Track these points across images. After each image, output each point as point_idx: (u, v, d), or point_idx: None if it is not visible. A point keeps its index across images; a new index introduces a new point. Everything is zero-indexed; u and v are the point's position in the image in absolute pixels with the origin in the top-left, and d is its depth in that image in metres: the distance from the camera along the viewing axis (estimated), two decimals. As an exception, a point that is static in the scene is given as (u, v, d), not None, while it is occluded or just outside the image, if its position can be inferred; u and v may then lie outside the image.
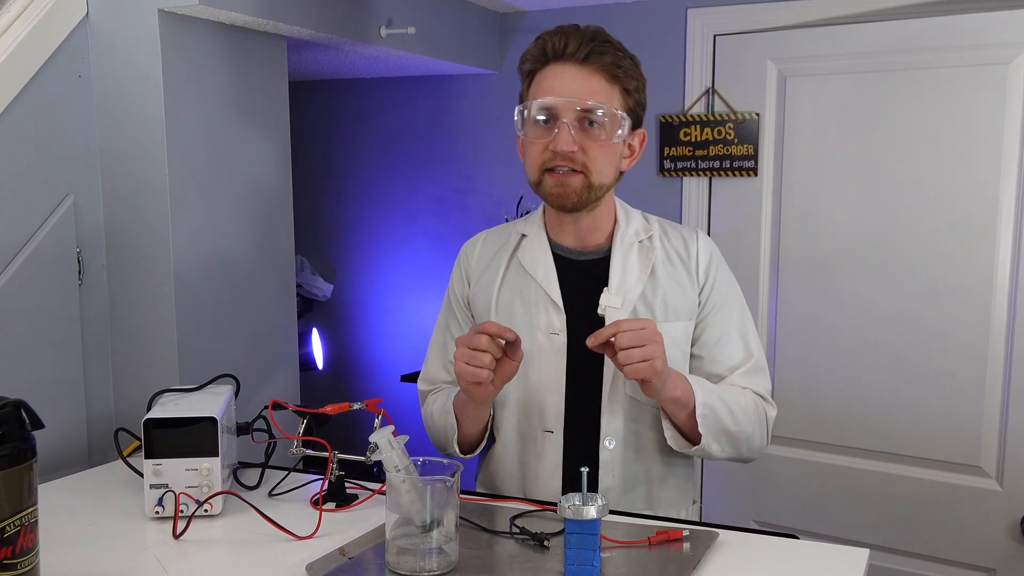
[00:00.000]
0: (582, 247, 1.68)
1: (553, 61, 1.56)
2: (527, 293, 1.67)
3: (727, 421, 1.60)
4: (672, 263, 1.67)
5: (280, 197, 2.42)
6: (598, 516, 1.27)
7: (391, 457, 1.37)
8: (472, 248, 1.79)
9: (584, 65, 1.54)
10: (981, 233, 2.60)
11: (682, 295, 1.66)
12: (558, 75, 1.55)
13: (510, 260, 1.71)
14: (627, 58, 1.59)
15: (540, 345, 1.65)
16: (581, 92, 1.53)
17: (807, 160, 2.84)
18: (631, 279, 1.63)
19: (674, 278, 1.66)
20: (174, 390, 1.86)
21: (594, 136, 1.55)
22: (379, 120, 3.65)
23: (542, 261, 1.67)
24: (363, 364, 3.81)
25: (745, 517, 3.00)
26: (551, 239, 1.70)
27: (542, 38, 1.58)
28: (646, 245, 1.67)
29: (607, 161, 1.58)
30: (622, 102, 1.57)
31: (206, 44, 2.15)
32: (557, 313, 1.64)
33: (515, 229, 1.75)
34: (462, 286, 1.78)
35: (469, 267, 1.78)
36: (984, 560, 2.66)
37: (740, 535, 1.51)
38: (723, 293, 1.69)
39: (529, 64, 1.60)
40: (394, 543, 1.34)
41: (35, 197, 1.99)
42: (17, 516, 1.13)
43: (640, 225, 1.70)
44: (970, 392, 2.64)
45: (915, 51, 2.64)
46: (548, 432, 1.66)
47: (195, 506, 1.59)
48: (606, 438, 1.64)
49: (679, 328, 1.65)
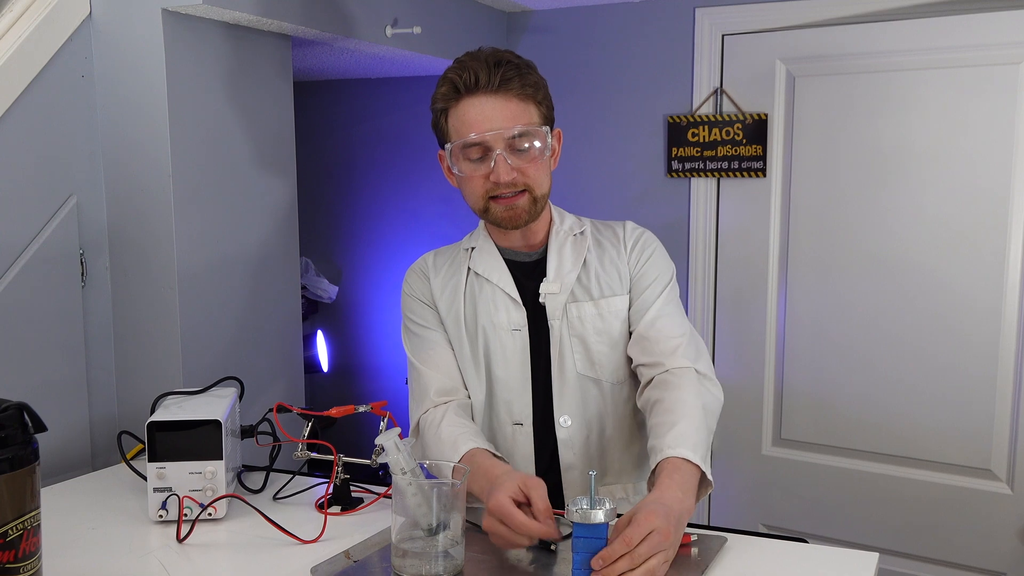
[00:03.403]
0: (527, 248, 1.77)
1: (467, 95, 1.60)
2: (486, 296, 1.74)
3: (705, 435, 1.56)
4: (603, 247, 1.76)
5: (285, 198, 2.42)
6: (606, 520, 1.26)
7: (397, 460, 1.36)
8: (425, 260, 1.85)
9: (497, 93, 1.59)
10: (992, 234, 2.58)
11: (615, 271, 1.74)
12: (477, 108, 1.60)
13: (467, 272, 1.78)
14: (530, 71, 1.64)
15: (503, 342, 1.72)
16: (504, 120, 1.59)
17: (816, 161, 2.82)
18: (567, 267, 1.72)
19: (606, 258, 1.75)
20: (178, 393, 1.85)
21: (528, 157, 1.62)
22: (384, 120, 3.64)
23: (495, 265, 1.75)
24: (368, 366, 3.80)
25: (753, 521, 2.99)
26: (498, 246, 1.78)
27: (449, 76, 1.62)
28: (579, 238, 1.77)
29: (543, 173, 1.66)
30: (539, 115, 1.64)
31: (210, 44, 2.14)
32: (517, 310, 1.72)
33: (461, 246, 1.84)
34: (422, 286, 1.80)
35: (426, 270, 1.82)
36: (995, 564, 2.65)
37: (748, 539, 1.50)
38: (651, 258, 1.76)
39: (442, 103, 1.64)
40: (400, 546, 1.33)
41: (38, 198, 1.98)
42: (20, 520, 1.12)
43: (572, 222, 1.80)
44: (981, 394, 2.62)
45: (925, 51, 2.62)
46: (518, 425, 1.73)
47: (199, 510, 1.58)
48: (561, 416, 1.71)
49: (617, 302, 1.72)
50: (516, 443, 1.74)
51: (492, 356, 1.73)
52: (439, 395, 1.72)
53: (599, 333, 1.71)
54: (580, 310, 1.71)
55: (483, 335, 1.73)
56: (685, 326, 1.73)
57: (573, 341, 1.71)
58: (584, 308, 1.71)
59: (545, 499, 1.40)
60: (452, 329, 1.77)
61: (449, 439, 1.61)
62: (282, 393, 2.41)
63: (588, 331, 1.71)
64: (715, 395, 1.69)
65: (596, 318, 1.71)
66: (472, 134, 1.59)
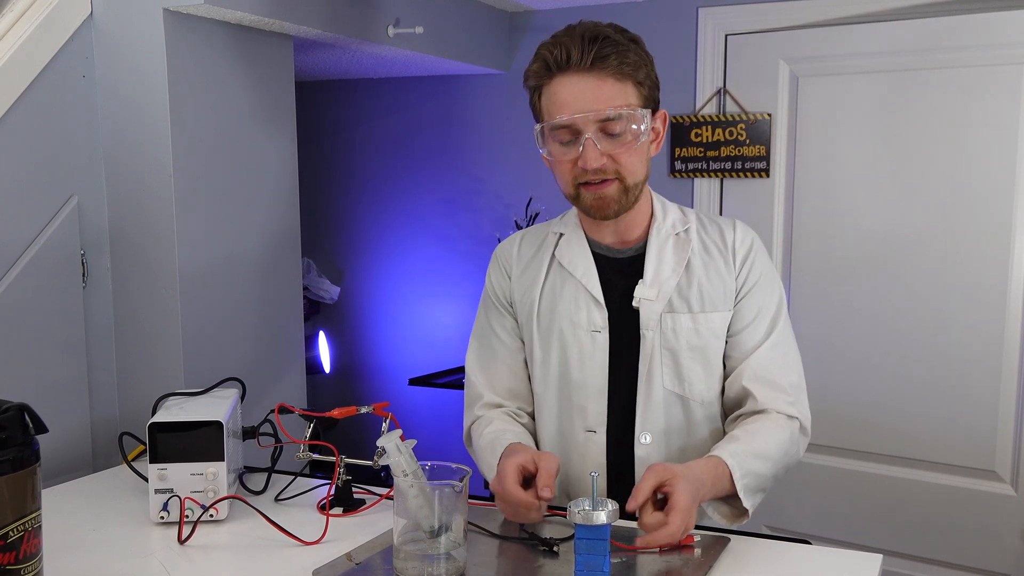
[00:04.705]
0: (621, 244, 1.65)
1: (558, 73, 1.50)
2: (568, 291, 1.64)
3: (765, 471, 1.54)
4: (710, 253, 1.63)
5: (286, 198, 2.41)
6: (608, 521, 1.25)
7: (399, 462, 1.35)
8: (510, 248, 1.75)
9: (591, 72, 1.48)
10: (996, 235, 2.57)
11: (720, 285, 1.61)
12: (568, 88, 1.49)
13: (551, 260, 1.68)
14: (629, 48, 1.51)
15: (582, 343, 1.62)
16: (596, 101, 1.47)
17: (820, 161, 2.82)
18: (666, 271, 1.60)
19: (712, 268, 1.62)
20: (179, 394, 1.84)
21: (620, 141, 1.50)
22: (386, 121, 3.64)
23: (581, 259, 1.64)
24: (370, 367, 3.80)
25: (757, 522, 2.97)
26: (589, 237, 1.66)
27: (541, 52, 1.52)
28: (682, 238, 1.63)
29: (638, 161, 1.54)
30: (638, 96, 1.52)
31: (212, 44, 2.14)
32: (599, 310, 1.61)
33: (551, 229, 1.72)
34: (502, 283, 1.73)
35: (509, 266, 1.73)
36: (998, 565, 2.64)
37: (752, 540, 1.50)
38: (761, 278, 1.64)
39: (534, 80, 1.55)
40: (402, 548, 1.33)
41: (39, 199, 1.98)
42: (20, 521, 1.12)
43: (677, 218, 1.66)
44: (985, 396, 2.62)
45: (929, 51, 2.62)
46: (591, 432, 1.62)
47: (200, 511, 1.58)
48: (642, 433, 1.61)
49: (716, 319, 1.60)
50: (588, 451, 1.63)
51: (569, 357, 1.62)
52: (483, 408, 1.70)
53: (693, 349, 1.59)
54: (676, 322, 1.59)
55: (559, 333, 1.63)
56: (795, 371, 1.63)
57: (664, 354, 1.59)
58: (680, 320, 1.59)
59: (549, 469, 1.42)
60: (523, 320, 1.68)
61: (488, 441, 1.60)
62: (284, 394, 2.41)
63: (681, 346, 1.59)
64: (799, 452, 1.61)
65: (692, 333, 1.59)
66: (560, 116, 1.48)
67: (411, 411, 3.51)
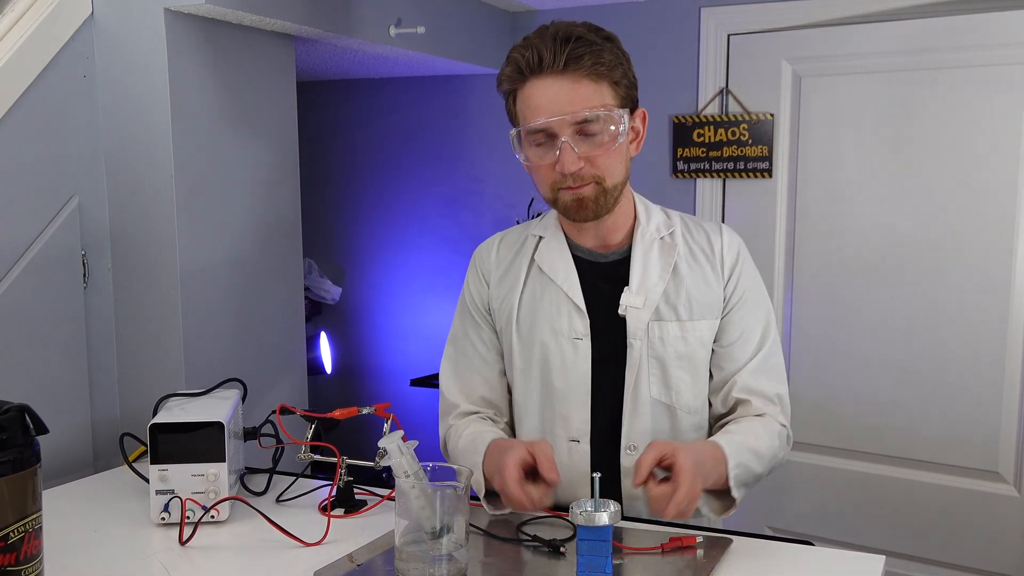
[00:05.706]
0: (603, 248, 1.61)
1: (532, 76, 1.46)
2: (548, 298, 1.60)
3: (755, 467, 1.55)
4: (696, 259, 1.60)
5: (287, 199, 2.41)
6: (610, 522, 1.25)
7: (400, 463, 1.34)
8: (488, 252, 1.71)
9: (565, 73, 1.44)
10: (999, 235, 2.57)
11: (707, 292, 1.59)
12: (542, 91, 1.45)
13: (530, 265, 1.64)
14: (604, 47, 1.46)
15: (564, 351, 1.58)
16: (572, 103, 1.43)
17: (822, 161, 2.81)
18: (652, 277, 1.57)
19: (698, 274, 1.59)
20: (180, 394, 1.84)
21: (598, 143, 1.47)
22: (388, 121, 3.64)
23: (562, 264, 1.60)
24: (372, 368, 3.79)
25: (759, 523, 2.97)
26: (570, 240, 1.62)
27: (513, 55, 1.48)
28: (667, 242, 1.60)
29: (616, 162, 1.50)
30: (614, 96, 1.47)
31: (213, 44, 2.13)
32: (580, 317, 1.57)
33: (530, 231, 1.67)
34: (480, 290, 1.69)
35: (487, 271, 1.69)
36: (1001, 567, 2.63)
37: (754, 541, 1.49)
38: (748, 290, 1.62)
39: (507, 84, 1.51)
40: (403, 550, 1.32)
41: (39, 199, 1.97)
42: (21, 522, 1.11)
43: (661, 221, 1.62)
44: (987, 396, 2.61)
45: (931, 51, 2.61)
46: (574, 442, 1.59)
47: (201, 512, 1.57)
48: (628, 445, 1.57)
49: (704, 327, 1.58)
50: (572, 461, 1.59)
51: (550, 365, 1.59)
52: (458, 418, 1.67)
53: (680, 358, 1.56)
54: (663, 330, 1.56)
55: (539, 340, 1.59)
56: (784, 382, 1.63)
57: (652, 363, 1.56)
58: (667, 329, 1.56)
59: (547, 455, 1.41)
60: (502, 327, 1.65)
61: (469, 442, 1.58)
62: (285, 395, 2.40)
63: (669, 354, 1.56)
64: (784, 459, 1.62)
65: (679, 341, 1.56)
66: (536, 120, 1.45)
67: (413, 412, 3.50)
